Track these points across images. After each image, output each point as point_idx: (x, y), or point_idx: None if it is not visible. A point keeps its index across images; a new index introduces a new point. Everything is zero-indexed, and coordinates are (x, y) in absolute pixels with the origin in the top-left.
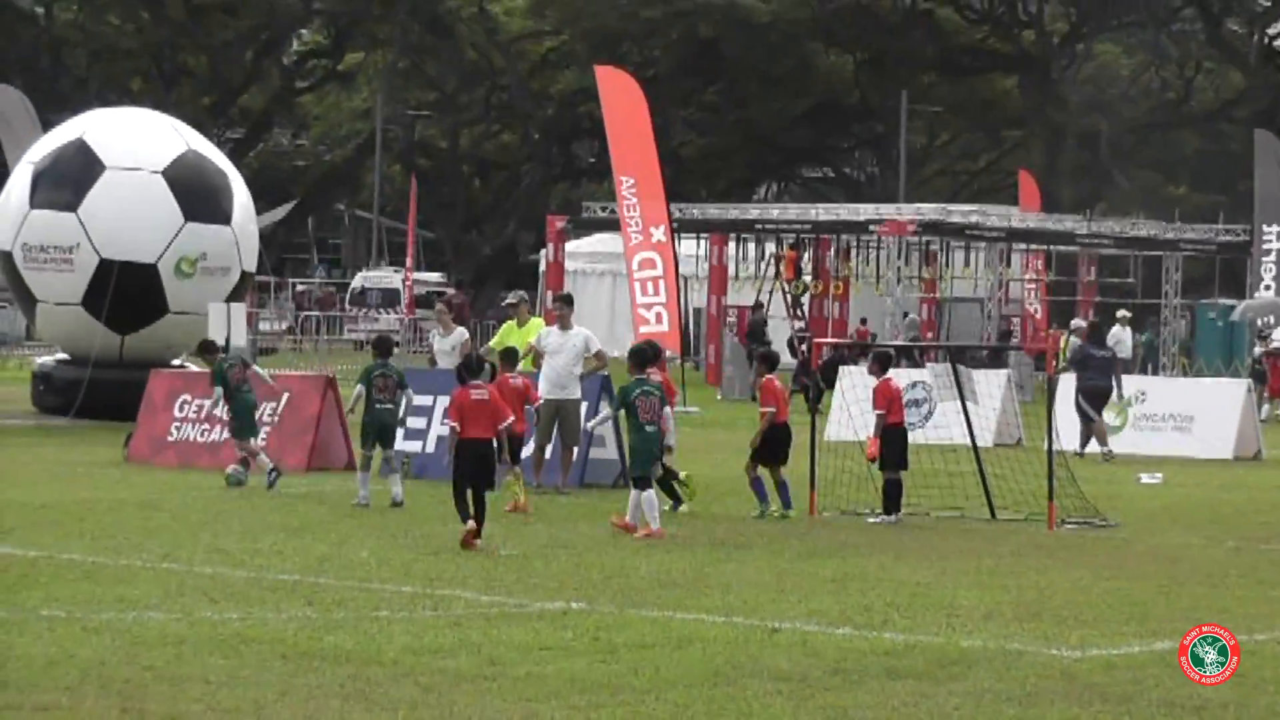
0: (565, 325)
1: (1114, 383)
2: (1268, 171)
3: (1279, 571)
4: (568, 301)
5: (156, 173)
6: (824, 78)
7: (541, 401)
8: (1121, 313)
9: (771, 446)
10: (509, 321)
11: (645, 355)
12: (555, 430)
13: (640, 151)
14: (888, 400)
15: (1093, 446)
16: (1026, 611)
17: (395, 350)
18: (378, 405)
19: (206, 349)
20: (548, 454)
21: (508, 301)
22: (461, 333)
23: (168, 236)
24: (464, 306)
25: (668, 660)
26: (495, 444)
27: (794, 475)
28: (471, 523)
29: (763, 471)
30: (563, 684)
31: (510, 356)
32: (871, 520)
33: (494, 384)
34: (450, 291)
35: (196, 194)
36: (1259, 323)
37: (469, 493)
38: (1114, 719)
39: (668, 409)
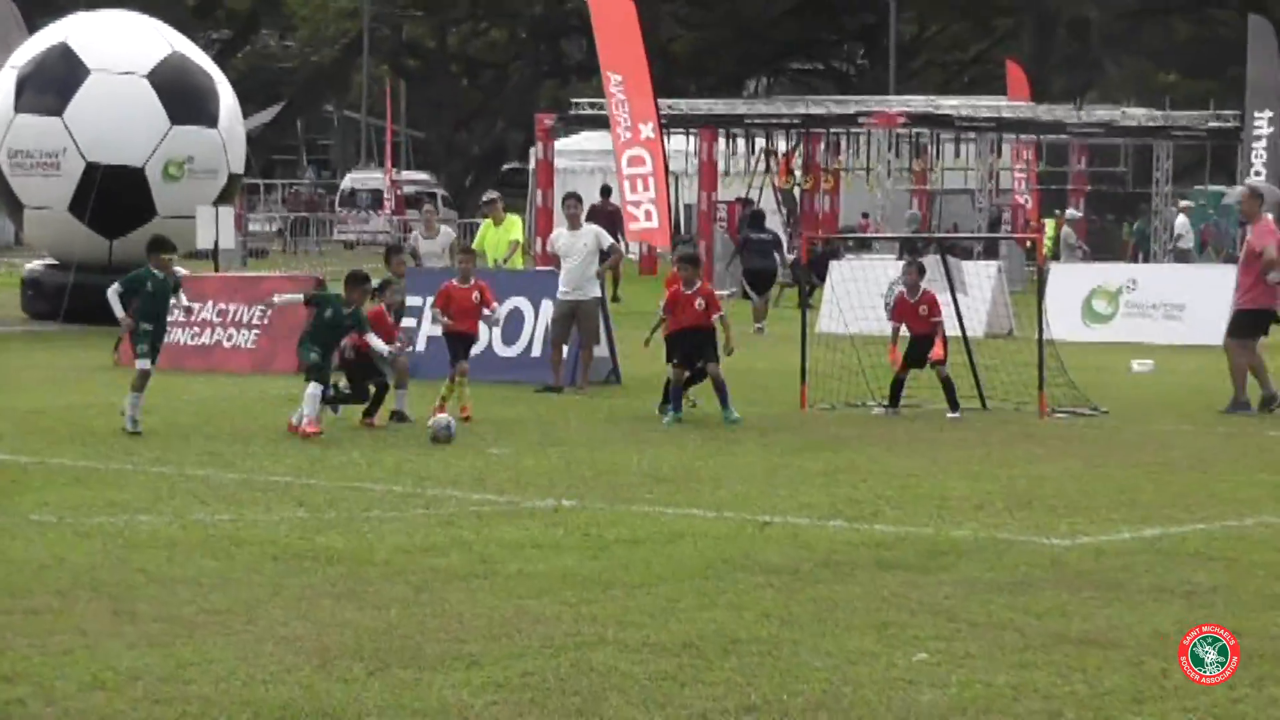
0: (574, 225)
1: (777, 263)
2: (1260, 57)
3: (1269, 457)
4: (577, 199)
5: (141, 76)
6: None
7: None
8: (1184, 203)
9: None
10: (487, 220)
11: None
12: (574, 329)
13: (628, 47)
14: (940, 306)
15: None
16: (1017, 501)
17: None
18: None
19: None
20: (564, 353)
21: (484, 200)
22: (448, 233)
23: (154, 140)
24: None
25: (658, 555)
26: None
27: (786, 369)
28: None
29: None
30: (554, 580)
31: None
32: (950, 416)
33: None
34: (441, 192)
35: (182, 97)
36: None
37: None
38: (1104, 605)
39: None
